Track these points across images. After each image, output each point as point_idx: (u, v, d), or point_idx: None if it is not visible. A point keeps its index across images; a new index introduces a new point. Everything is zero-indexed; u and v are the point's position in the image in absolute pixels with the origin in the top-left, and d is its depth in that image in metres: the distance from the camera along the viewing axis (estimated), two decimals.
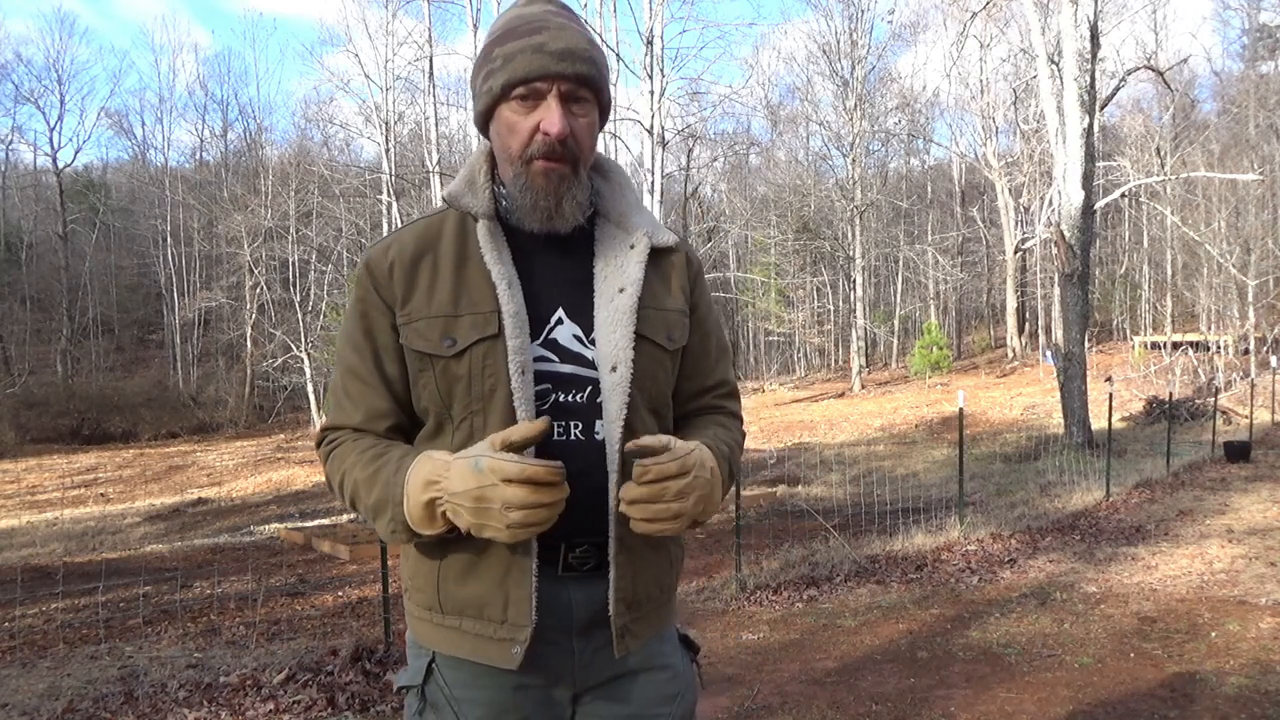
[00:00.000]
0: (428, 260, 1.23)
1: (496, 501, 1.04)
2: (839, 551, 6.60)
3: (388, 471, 1.15)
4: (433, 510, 1.10)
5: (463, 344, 1.18)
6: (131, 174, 49.76)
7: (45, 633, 5.85)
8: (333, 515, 12.78)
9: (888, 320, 37.09)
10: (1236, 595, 5.23)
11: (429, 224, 1.26)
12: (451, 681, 1.23)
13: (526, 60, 1.16)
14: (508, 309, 1.18)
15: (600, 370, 1.21)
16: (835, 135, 34.94)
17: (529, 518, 1.04)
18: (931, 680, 3.98)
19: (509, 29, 1.20)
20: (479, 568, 1.18)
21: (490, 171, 1.27)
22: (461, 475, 1.06)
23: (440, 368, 1.19)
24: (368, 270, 1.25)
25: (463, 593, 1.20)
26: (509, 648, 1.18)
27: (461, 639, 1.21)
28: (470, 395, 1.18)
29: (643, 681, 1.27)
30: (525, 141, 1.18)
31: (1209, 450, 12.27)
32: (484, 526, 1.07)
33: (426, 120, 28.28)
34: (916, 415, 21.70)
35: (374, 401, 1.24)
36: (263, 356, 33.63)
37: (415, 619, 1.27)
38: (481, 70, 1.22)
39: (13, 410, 30.13)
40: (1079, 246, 13.70)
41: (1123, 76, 17.97)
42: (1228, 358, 23.12)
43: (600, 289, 1.24)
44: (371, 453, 1.19)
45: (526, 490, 1.03)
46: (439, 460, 1.11)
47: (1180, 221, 26.71)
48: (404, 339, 1.21)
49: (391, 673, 4.08)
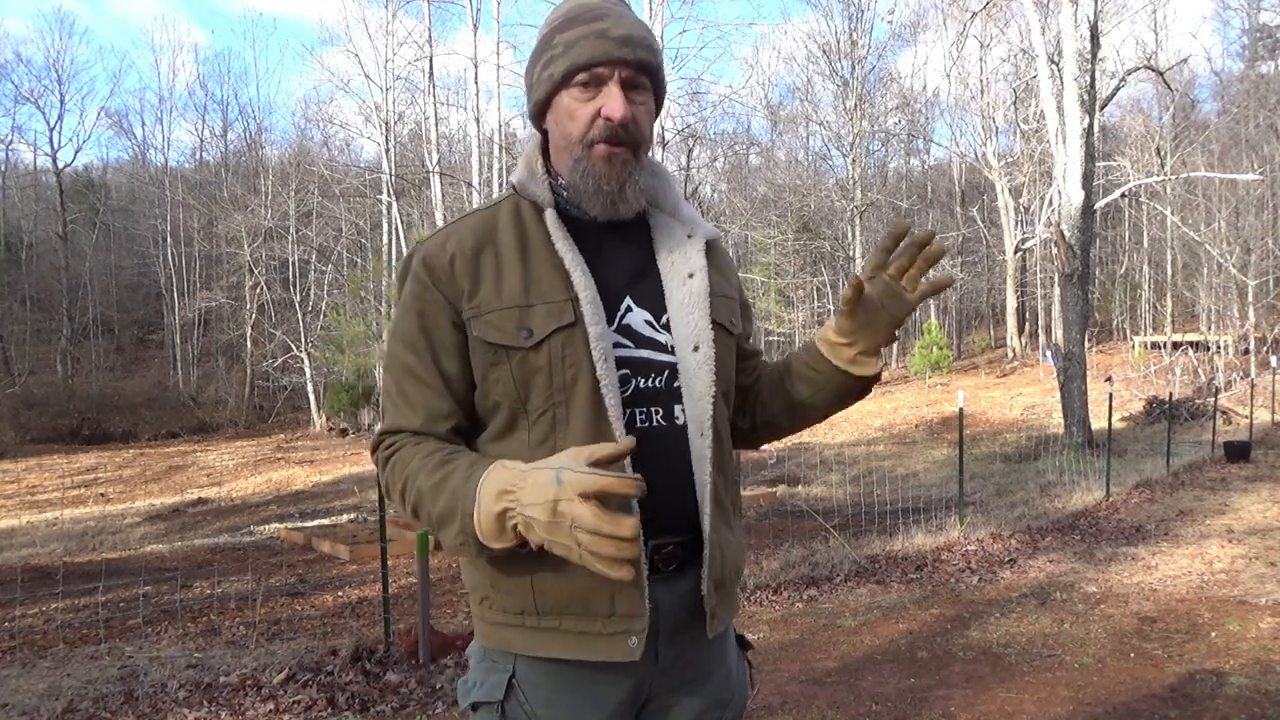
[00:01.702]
0: (489, 251, 1.21)
1: (568, 518, 0.98)
2: (839, 551, 6.60)
3: (456, 479, 1.10)
4: (504, 522, 1.04)
5: (540, 334, 1.16)
6: (131, 174, 49.75)
7: (45, 633, 5.85)
8: (333, 515, 12.78)
9: None
10: (1236, 595, 5.23)
11: (483, 216, 1.25)
12: (534, 698, 1.18)
13: (590, 46, 1.16)
14: (585, 296, 1.17)
15: (679, 352, 1.21)
16: (835, 135, 34.95)
17: (597, 545, 0.97)
18: (931, 680, 3.98)
19: (570, 16, 1.20)
20: (579, 566, 1.11)
21: (545, 163, 1.27)
22: (539, 487, 1.00)
23: (517, 359, 1.16)
24: (425, 266, 1.20)
25: (564, 590, 1.15)
26: (624, 640, 1.15)
27: (563, 639, 1.16)
28: (551, 386, 1.16)
29: (709, 680, 1.27)
30: (586, 126, 1.18)
31: (1209, 450, 12.27)
32: (555, 544, 1.00)
33: (426, 120, 28.29)
34: (916, 415, 21.70)
35: (434, 402, 1.20)
36: (263, 356, 33.65)
37: (497, 625, 1.21)
38: (541, 58, 1.21)
39: (13, 410, 30.14)
40: (1079, 246, 13.70)
41: (1123, 76, 17.99)
42: (1228, 358, 23.12)
43: (669, 274, 1.25)
44: (436, 458, 1.14)
45: (594, 514, 0.96)
46: (514, 470, 1.05)
47: (1180, 221, 26.72)
48: (477, 332, 1.18)
49: (392, 673, 4.08)
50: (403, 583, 7.06)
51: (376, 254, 32.17)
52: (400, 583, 7.00)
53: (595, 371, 1.15)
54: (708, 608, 1.20)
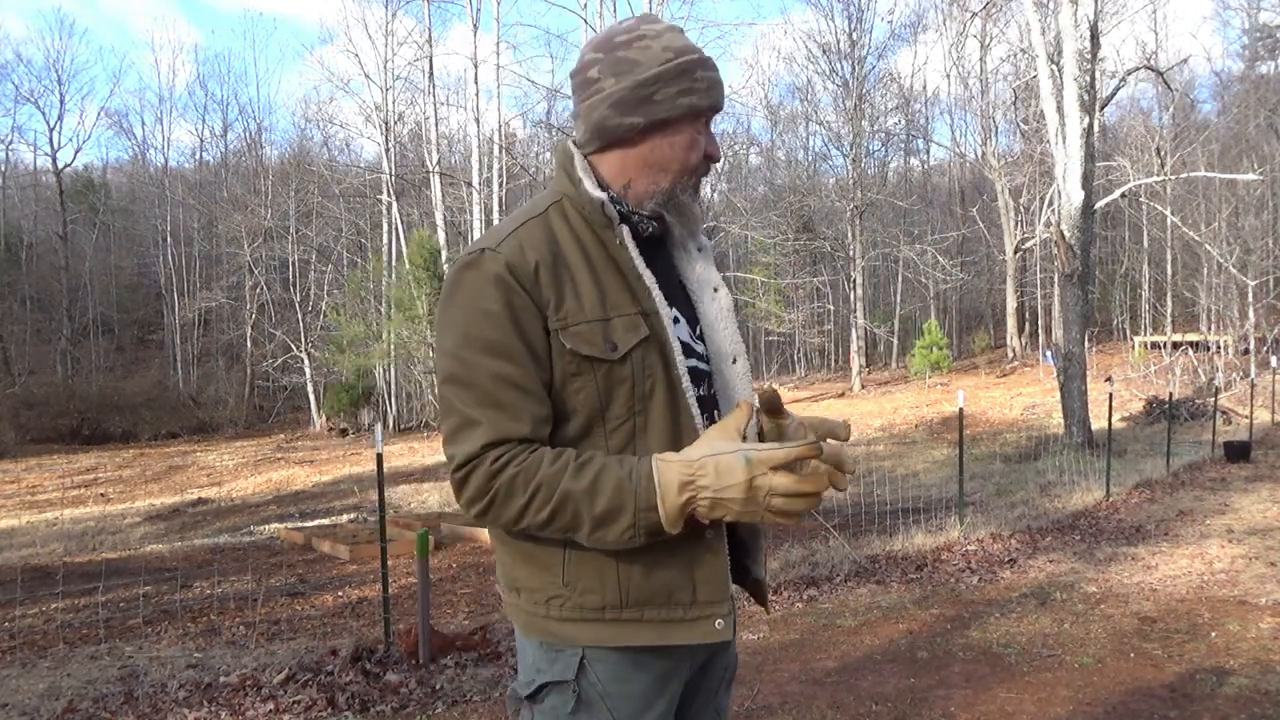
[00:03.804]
0: (562, 262, 1.25)
1: (763, 489, 1.12)
2: (839, 551, 6.60)
3: (616, 477, 1.16)
4: (685, 510, 1.16)
5: (624, 347, 1.23)
6: (131, 174, 49.76)
7: (45, 633, 5.85)
8: (333, 515, 12.78)
9: (888, 320, 37.06)
10: (1236, 595, 5.23)
11: (541, 225, 1.27)
12: (604, 677, 1.26)
13: (719, 92, 1.30)
14: (663, 311, 1.26)
15: (715, 364, 1.34)
16: (835, 135, 34.95)
17: (792, 505, 1.13)
18: (931, 680, 3.98)
19: (704, 59, 1.30)
20: (669, 560, 1.25)
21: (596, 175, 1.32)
22: (729, 471, 1.13)
23: (603, 371, 1.22)
24: (510, 271, 1.21)
25: (651, 584, 1.24)
26: (711, 623, 1.26)
27: (648, 629, 1.25)
28: (634, 397, 1.24)
29: (719, 657, 1.42)
30: (699, 159, 1.31)
31: (1209, 450, 12.27)
32: (745, 514, 1.15)
33: (426, 120, 28.28)
34: (916, 415, 21.70)
35: (537, 409, 1.21)
36: (263, 356, 33.64)
37: (569, 622, 1.26)
38: (677, 83, 1.27)
39: (13, 410, 30.13)
40: (1079, 246, 13.70)
41: (1123, 76, 17.99)
42: (1228, 358, 23.12)
43: (696, 288, 1.36)
44: (575, 462, 1.18)
45: (794, 479, 1.12)
46: (683, 461, 1.16)
47: (1180, 221, 26.69)
48: (569, 344, 1.21)
49: (392, 673, 4.08)
50: (403, 583, 7.06)
51: (376, 254, 32.19)
52: (400, 583, 7.00)
53: (679, 383, 1.26)
54: (767, 585, 1.40)
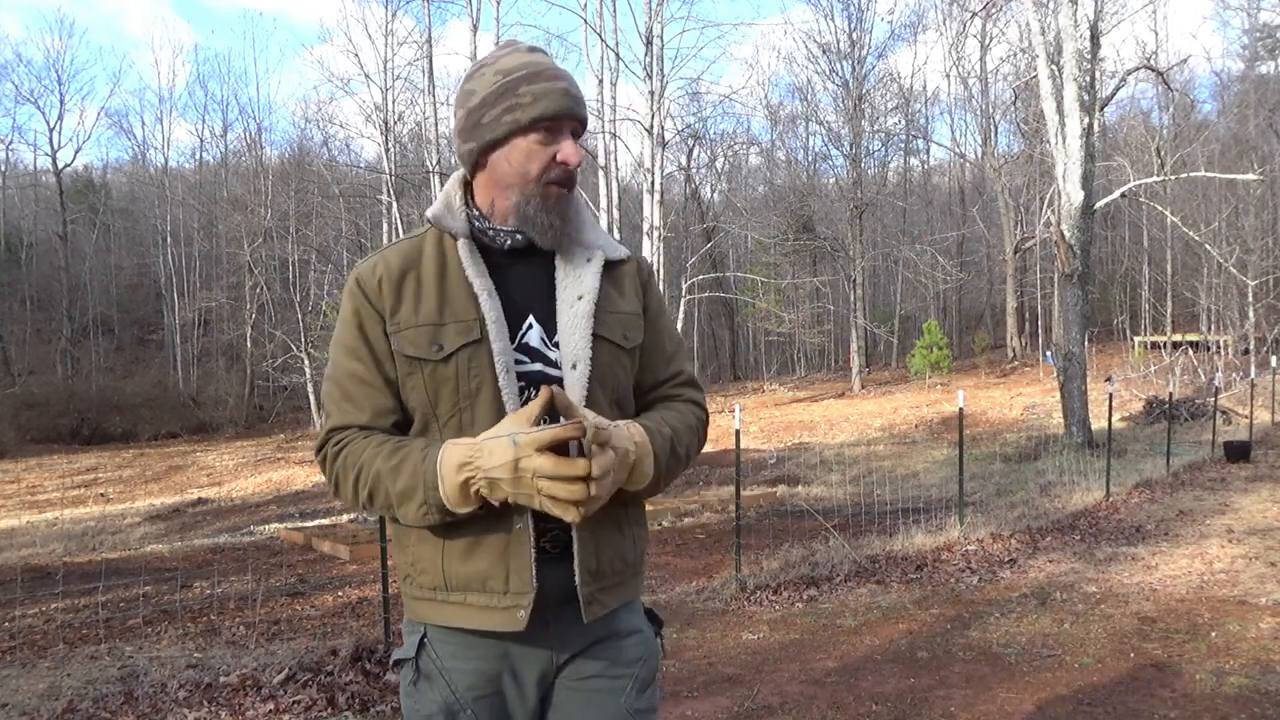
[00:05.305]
0: (411, 276, 1.38)
1: (529, 471, 1.18)
2: (839, 551, 6.60)
3: (414, 460, 1.27)
4: (467, 490, 1.24)
5: (449, 349, 1.33)
6: (131, 174, 49.76)
7: (45, 633, 5.85)
8: (333, 515, 12.78)
9: (888, 320, 37.05)
10: (1236, 595, 5.23)
11: (410, 244, 1.42)
12: (442, 653, 1.38)
13: (556, 101, 1.35)
14: (490, 316, 1.34)
15: (563, 369, 1.37)
16: (835, 135, 34.96)
17: (555, 489, 1.18)
18: (931, 680, 3.98)
19: (534, 71, 1.36)
20: (480, 547, 1.33)
21: (464, 197, 1.44)
22: (498, 451, 1.20)
23: (429, 371, 1.34)
24: (359, 285, 1.39)
25: (467, 570, 1.33)
26: (514, 613, 1.32)
27: (466, 611, 1.35)
28: (458, 394, 1.33)
29: (614, 645, 1.43)
30: (544, 168, 1.37)
31: (1209, 450, 12.27)
32: (519, 495, 1.21)
33: (426, 120, 28.28)
34: (916, 415, 21.69)
35: (379, 400, 1.37)
36: (263, 356, 33.61)
37: (416, 600, 1.40)
38: (500, 103, 1.36)
39: (13, 410, 30.13)
40: (1079, 246, 13.70)
41: (1123, 76, 17.96)
42: (1228, 358, 23.12)
43: (561, 297, 1.41)
44: (390, 446, 1.31)
45: (554, 461, 1.18)
46: (467, 444, 1.25)
47: (1180, 221, 26.69)
48: (396, 346, 1.36)
49: (393, 673, 4.09)
50: None
51: None
52: (399, 580, 6.99)
53: (498, 382, 1.32)
54: (581, 594, 1.34)
